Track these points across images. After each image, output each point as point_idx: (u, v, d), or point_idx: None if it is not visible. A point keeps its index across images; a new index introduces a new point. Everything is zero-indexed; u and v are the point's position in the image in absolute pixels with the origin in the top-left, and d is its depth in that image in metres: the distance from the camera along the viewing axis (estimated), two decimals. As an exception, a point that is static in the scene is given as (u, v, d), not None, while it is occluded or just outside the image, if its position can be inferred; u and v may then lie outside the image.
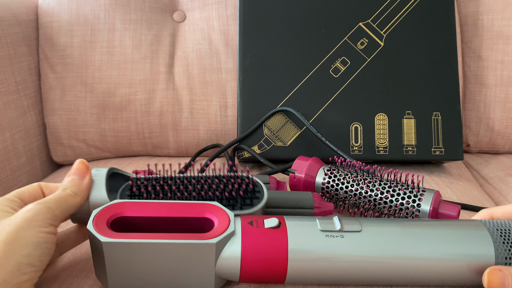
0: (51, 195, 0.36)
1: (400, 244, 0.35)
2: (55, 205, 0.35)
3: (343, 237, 0.35)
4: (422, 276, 0.35)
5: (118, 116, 0.78)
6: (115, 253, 0.33)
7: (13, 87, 0.73)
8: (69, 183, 0.38)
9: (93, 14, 0.78)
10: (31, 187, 0.38)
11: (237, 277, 0.35)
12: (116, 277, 0.35)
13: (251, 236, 0.35)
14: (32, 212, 0.33)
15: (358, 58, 0.71)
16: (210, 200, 0.40)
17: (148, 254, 0.34)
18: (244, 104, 0.71)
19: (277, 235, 0.35)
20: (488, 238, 0.35)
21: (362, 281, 0.36)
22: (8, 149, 0.70)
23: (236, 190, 0.40)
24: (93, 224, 0.34)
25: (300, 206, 0.45)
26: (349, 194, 0.50)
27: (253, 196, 0.41)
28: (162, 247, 0.33)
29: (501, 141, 0.83)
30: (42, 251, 0.32)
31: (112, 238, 0.33)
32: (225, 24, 0.80)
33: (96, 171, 0.41)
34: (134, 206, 0.37)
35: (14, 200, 0.36)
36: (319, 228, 0.36)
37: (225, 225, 0.35)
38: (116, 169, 0.43)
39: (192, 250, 0.34)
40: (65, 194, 0.37)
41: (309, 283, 0.36)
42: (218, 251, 0.34)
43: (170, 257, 0.34)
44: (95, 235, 0.33)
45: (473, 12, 0.83)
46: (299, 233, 0.36)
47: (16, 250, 0.31)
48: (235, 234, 0.35)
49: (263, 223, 0.36)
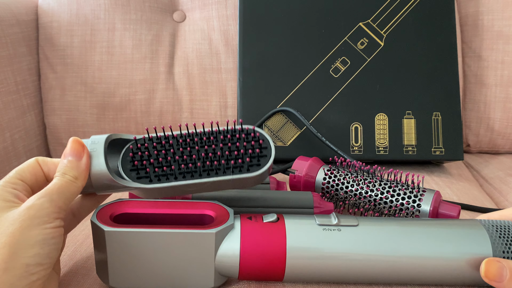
0: (51, 185, 0.34)
1: (397, 239, 0.36)
2: (57, 196, 0.33)
3: (340, 230, 0.36)
4: (420, 271, 0.36)
5: (118, 116, 0.78)
6: (117, 244, 0.34)
7: (13, 87, 0.73)
8: (67, 166, 0.35)
9: (93, 14, 0.78)
10: (30, 165, 0.36)
11: (236, 273, 0.36)
12: (117, 271, 0.35)
13: (250, 230, 0.36)
14: (35, 209, 0.31)
15: (358, 58, 0.71)
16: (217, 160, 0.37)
17: (150, 244, 0.34)
18: (244, 104, 0.71)
19: (276, 229, 0.36)
20: (484, 233, 0.36)
21: (359, 277, 0.36)
22: (8, 149, 0.70)
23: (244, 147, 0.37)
24: (96, 217, 0.35)
25: (300, 206, 0.45)
26: (349, 194, 0.50)
27: (259, 154, 0.38)
28: (163, 236, 0.34)
29: (501, 141, 0.83)
30: (50, 248, 0.31)
31: (115, 227, 0.34)
32: (225, 24, 0.80)
33: (93, 142, 0.38)
34: (136, 203, 0.38)
35: (16, 183, 0.34)
36: (316, 223, 0.36)
37: (224, 219, 0.36)
38: (116, 134, 0.40)
39: (192, 240, 0.34)
40: (66, 181, 0.34)
41: (307, 278, 0.37)
42: (218, 243, 0.35)
43: (171, 248, 0.34)
44: (98, 225, 0.34)
45: (473, 12, 0.83)
46: (297, 227, 0.36)
47: (22, 252, 0.29)
48: (234, 228, 0.36)
49: (262, 218, 0.37)
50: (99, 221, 0.34)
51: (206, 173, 0.37)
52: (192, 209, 0.37)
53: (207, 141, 0.38)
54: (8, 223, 0.30)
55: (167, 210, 0.37)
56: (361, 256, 0.35)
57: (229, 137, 0.38)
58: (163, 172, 0.37)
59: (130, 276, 0.35)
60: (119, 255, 0.34)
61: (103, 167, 0.36)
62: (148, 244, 0.34)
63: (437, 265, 0.35)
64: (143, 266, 0.35)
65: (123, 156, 0.38)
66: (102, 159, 0.36)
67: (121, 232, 0.34)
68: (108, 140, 0.38)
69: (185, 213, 0.37)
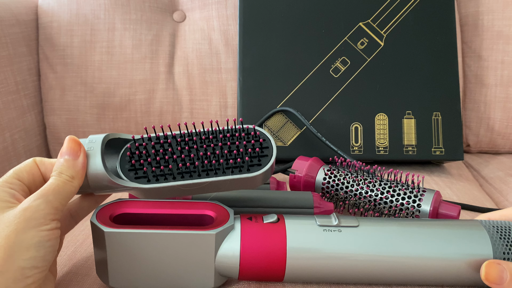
0: (47, 185, 0.33)
1: (397, 239, 0.36)
2: (53, 197, 0.32)
3: (340, 231, 0.36)
4: (420, 272, 0.36)
5: (118, 116, 0.78)
6: (117, 244, 0.34)
7: (13, 87, 0.73)
8: (64, 165, 0.35)
9: (93, 14, 0.78)
10: (28, 165, 0.36)
11: (236, 273, 0.36)
12: (117, 271, 0.35)
13: (250, 230, 0.35)
14: (31, 210, 0.31)
15: (358, 58, 0.71)
16: (216, 160, 0.37)
17: (149, 245, 0.34)
18: (244, 104, 0.71)
19: (276, 229, 0.36)
20: (484, 234, 0.36)
21: (360, 277, 0.36)
22: (8, 149, 0.70)
23: (245, 147, 0.37)
24: (96, 218, 0.35)
25: (300, 206, 0.45)
26: (349, 194, 0.50)
27: (260, 154, 0.37)
28: (163, 237, 0.34)
29: (501, 141, 0.83)
30: (46, 251, 0.31)
31: (114, 228, 0.34)
32: (225, 24, 0.80)
33: (90, 141, 0.37)
34: (136, 203, 0.38)
35: (13, 183, 0.34)
36: (317, 223, 0.36)
37: (224, 219, 0.36)
38: (114, 134, 0.39)
39: (192, 241, 0.34)
40: (62, 181, 0.34)
41: (307, 279, 0.37)
42: (218, 243, 0.35)
43: (171, 248, 0.34)
44: (98, 225, 0.34)
45: (473, 12, 0.83)
46: (297, 228, 0.36)
47: (17, 255, 0.29)
48: (234, 229, 0.36)
49: (262, 218, 0.37)
50: (98, 222, 0.34)
51: (205, 173, 0.36)
52: (192, 209, 0.37)
53: (206, 140, 0.38)
54: (3, 225, 0.30)
55: (167, 210, 0.37)
56: (362, 256, 0.35)
57: (229, 137, 0.38)
58: (161, 172, 0.37)
59: (130, 277, 0.35)
60: (119, 256, 0.34)
61: (100, 166, 0.36)
62: (148, 245, 0.34)
63: (437, 266, 0.35)
64: (143, 267, 0.35)
65: (122, 156, 0.38)
66: (99, 158, 0.36)
67: (121, 233, 0.34)
68: (106, 140, 0.38)
69: (185, 213, 0.37)
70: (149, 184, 0.36)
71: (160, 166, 0.37)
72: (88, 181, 0.36)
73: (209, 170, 0.37)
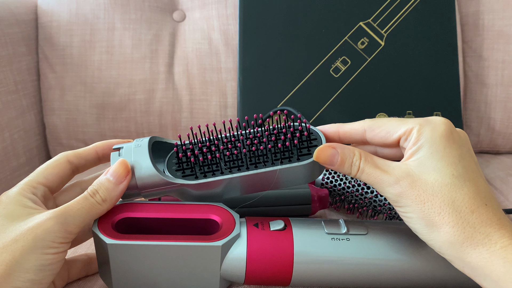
0: (73, 203, 0.32)
1: (406, 248, 0.35)
2: (72, 219, 0.31)
3: (349, 240, 0.35)
4: (429, 279, 0.35)
5: (118, 116, 0.78)
6: (120, 255, 0.33)
7: (12, 87, 0.73)
8: (103, 186, 0.33)
9: (93, 14, 0.78)
10: (57, 167, 0.34)
11: (242, 280, 0.35)
12: (121, 278, 0.34)
13: (256, 239, 0.35)
14: (43, 230, 0.29)
15: (359, 58, 0.71)
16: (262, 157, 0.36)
17: (153, 256, 0.33)
18: (244, 104, 0.70)
19: (283, 238, 0.35)
20: None
21: (367, 285, 0.36)
22: (8, 149, 0.70)
23: (290, 140, 0.36)
24: (97, 225, 0.34)
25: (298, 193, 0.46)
26: (348, 190, 0.50)
27: (309, 145, 0.37)
28: (167, 249, 0.33)
29: (502, 141, 0.83)
30: (45, 274, 0.30)
31: (117, 240, 0.33)
32: (225, 24, 0.80)
33: (137, 142, 0.37)
34: (139, 207, 0.36)
35: (37, 187, 0.32)
36: (325, 231, 0.36)
37: (230, 227, 0.35)
38: (158, 137, 0.39)
39: (197, 252, 0.33)
40: (91, 203, 0.32)
41: (314, 286, 0.36)
42: (224, 253, 0.34)
43: (175, 259, 0.34)
44: (100, 237, 0.33)
45: (474, 11, 0.83)
46: (305, 236, 0.35)
47: (16, 275, 0.28)
48: (240, 237, 0.35)
49: (269, 225, 0.36)
50: (101, 231, 0.33)
51: (253, 166, 0.35)
52: (196, 213, 0.36)
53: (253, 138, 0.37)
54: (15, 236, 0.29)
55: (171, 214, 0.36)
56: (370, 264, 0.35)
57: (276, 133, 0.37)
58: (209, 169, 0.36)
59: (134, 285, 0.35)
60: (122, 265, 0.34)
61: (150, 165, 0.35)
62: (152, 256, 0.33)
63: (446, 274, 0.35)
64: (147, 276, 0.34)
65: (169, 158, 0.38)
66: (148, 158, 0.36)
67: (125, 244, 0.33)
68: (152, 141, 0.38)
69: (189, 217, 0.36)
70: (197, 180, 0.36)
71: (207, 165, 0.36)
72: (136, 180, 0.35)
73: (258, 163, 0.36)
